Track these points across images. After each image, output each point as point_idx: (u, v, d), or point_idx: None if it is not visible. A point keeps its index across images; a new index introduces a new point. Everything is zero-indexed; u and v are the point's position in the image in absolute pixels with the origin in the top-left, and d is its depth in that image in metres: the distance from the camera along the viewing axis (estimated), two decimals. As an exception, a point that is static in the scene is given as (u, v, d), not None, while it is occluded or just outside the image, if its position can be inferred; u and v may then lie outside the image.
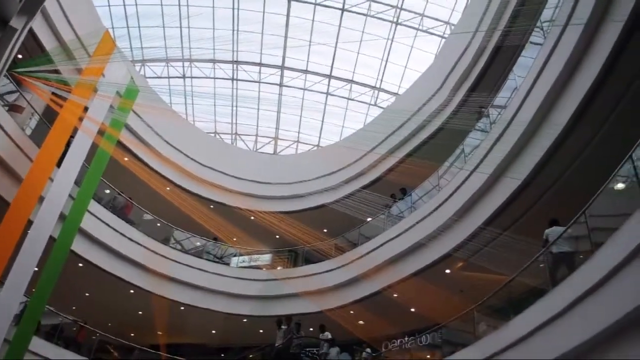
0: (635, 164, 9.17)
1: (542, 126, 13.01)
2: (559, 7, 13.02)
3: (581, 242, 10.73)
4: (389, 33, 29.64)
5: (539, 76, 13.11)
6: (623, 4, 10.43)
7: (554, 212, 12.01)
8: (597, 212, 10.06)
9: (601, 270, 8.60)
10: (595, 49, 11.32)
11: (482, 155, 15.31)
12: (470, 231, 15.22)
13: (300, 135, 37.82)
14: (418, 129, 21.36)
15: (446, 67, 20.78)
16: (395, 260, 18.42)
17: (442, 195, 17.09)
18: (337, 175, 24.77)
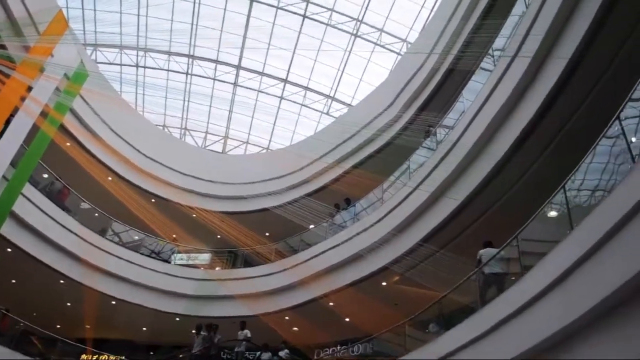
0: (568, 193, 9.67)
1: (485, 151, 13.49)
2: (510, 37, 13.55)
3: (512, 264, 11.16)
4: (347, 44, 29.99)
5: (486, 102, 13.59)
6: (568, 42, 10.98)
7: (489, 234, 12.43)
8: (530, 237, 10.54)
9: (528, 293, 8.98)
10: (540, 82, 11.86)
11: (426, 173, 15.70)
12: (409, 246, 15.56)
13: (250, 137, 37.65)
14: (367, 142, 21.70)
15: (399, 84, 21.19)
16: (334, 269, 18.59)
17: (385, 209, 17.39)
18: (283, 180, 24.79)
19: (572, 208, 9.58)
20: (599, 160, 9.30)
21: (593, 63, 10.76)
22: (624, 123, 8.33)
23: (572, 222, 8.97)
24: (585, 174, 9.64)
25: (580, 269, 7.90)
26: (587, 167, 9.44)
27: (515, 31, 12.99)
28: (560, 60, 10.97)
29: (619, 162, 8.65)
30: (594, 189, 9.72)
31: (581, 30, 10.62)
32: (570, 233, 8.56)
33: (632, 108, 8.40)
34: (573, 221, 8.97)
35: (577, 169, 9.37)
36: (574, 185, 9.79)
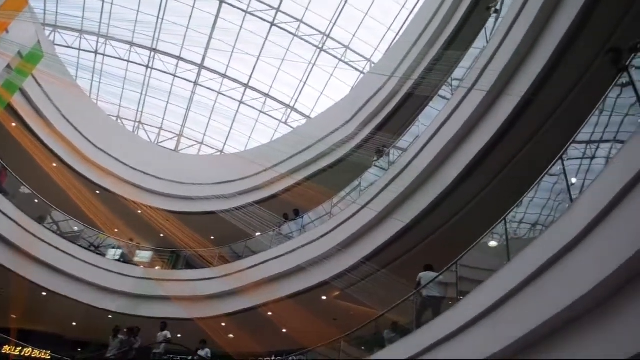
0: (508, 225, 10.01)
1: (434, 176, 13.81)
2: (469, 70, 13.95)
3: (450, 289, 11.42)
4: (312, 57, 30.18)
5: (440, 128, 13.92)
6: (522, 81, 11.43)
7: (431, 258, 12.69)
8: (469, 264, 10.82)
9: (462, 318, 9.20)
10: (492, 115, 12.27)
11: (376, 192, 15.89)
12: (352, 263, 15.67)
13: (205, 138, 37.24)
14: (321, 155, 21.81)
15: (359, 102, 21.45)
16: (276, 279, 18.52)
17: (332, 224, 17.48)
18: (234, 184, 24.59)
19: (512, 240, 9.92)
20: (541, 196, 9.68)
21: (544, 103, 11.22)
22: (567, 163, 8.71)
23: (510, 253, 9.27)
24: (527, 207, 10.01)
25: (511, 301, 8.17)
26: (529, 201, 9.81)
27: (474, 64, 13.37)
28: (514, 97, 11.38)
29: (559, 200, 9.01)
30: (534, 223, 10.10)
31: (535, 70, 11.07)
32: (506, 264, 8.83)
33: (575, 150, 8.80)
34: (511, 253, 9.27)
35: (520, 202, 9.72)
36: (516, 218, 10.15)
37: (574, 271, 7.04)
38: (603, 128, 8.48)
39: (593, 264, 6.69)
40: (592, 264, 6.71)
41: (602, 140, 8.57)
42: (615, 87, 7.93)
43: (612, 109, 8.28)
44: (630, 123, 7.78)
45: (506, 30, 12.14)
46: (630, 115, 7.74)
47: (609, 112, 8.33)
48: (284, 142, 25.17)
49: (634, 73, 7.55)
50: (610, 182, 6.71)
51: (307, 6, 28.15)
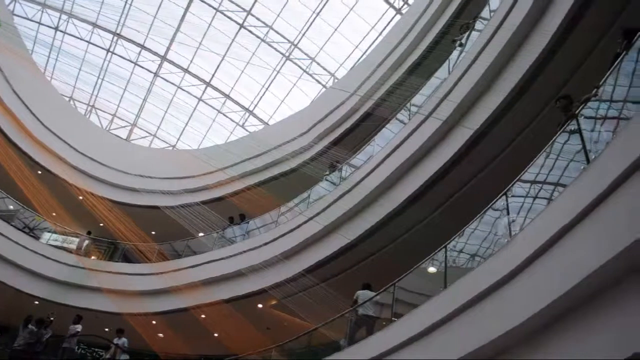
0: (449, 253, 10.24)
1: (384, 197, 13.99)
2: (428, 98, 14.24)
3: (386, 309, 11.54)
4: (277, 64, 30.17)
5: (394, 151, 14.14)
6: (478, 114, 11.78)
7: (370, 277, 12.80)
8: (408, 287, 10.98)
9: (395, 339, 9.32)
10: (446, 144, 12.62)
11: (324, 205, 15.94)
12: (292, 274, 15.61)
13: (159, 131, 36.54)
14: (274, 163, 21.68)
15: (318, 115, 21.52)
16: (214, 282, 18.22)
17: (277, 232, 17.39)
18: (182, 181, 24.09)
19: (451, 268, 10.14)
20: (483, 229, 9.95)
21: (496, 139, 11.59)
22: (510, 200, 9.00)
23: (447, 281, 9.46)
24: (469, 238, 10.28)
25: (445, 327, 8.33)
26: (471, 232, 10.07)
27: (434, 93, 13.68)
28: (468, 130, 11.69)
29: (500, 234, 9.28)
30: (473, 254, 10.37)
31: (491, 106, 11.44)
32: (442, 291, 9.01)
33: (520, 188, 9.10)
34: (448, 280, 9.46)
35: (462, 232, 9.97)
36: (457, 247, 10.39)
37: (508, 303, 7.25)
38: (548, 170, 8.81)
39: (527, 297, 6.92)
40: (526, 298, 6.94)
41: (546, 181, 8.89)
42: (564, 133, 8.26)
43: (558, 153, 8.61)
44: (574, 169, 8.11)
45: (468, 64, 12.49)
46: (575, 161, 8.06)
47: (556, 155, 8.67)
48: (238, 145, 24.93)
49: (582, 122, 7.89)
50: (550, 222, 6.96)
51: (278, 13, 28.18)
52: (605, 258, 5.92)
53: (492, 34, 11.92)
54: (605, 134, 7.59)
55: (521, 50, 11.26)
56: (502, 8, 12.01)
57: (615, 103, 7.87)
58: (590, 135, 7.83)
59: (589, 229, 6.35)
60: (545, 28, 10.61)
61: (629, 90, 7.62)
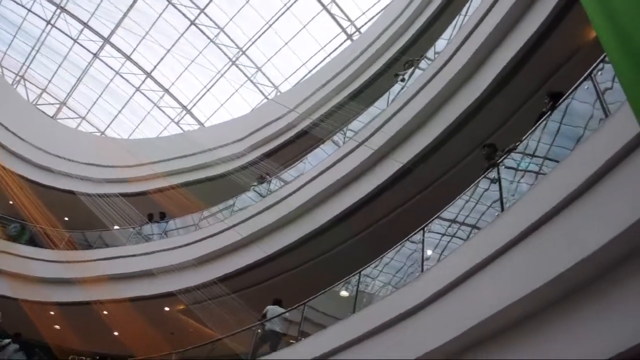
0: (363, 279, 10.44)
1: (307, 216, 14.08)
2: (365, 125, 14.51)
3: (293, 327, 11.55)
4: (223, 68, 29.88)
5: (323, 173, 14.32)
6: (408, 150, 12.16)
7: (283, 293, 12.77)
8: (318, 307, 11.06)
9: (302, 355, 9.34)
10: (373, 174, 12.97)
11: (247, 216, 15.82)
12: (204, 280, 15.31)
13: (90, 115, 35.12)
14: (203, 166, 21.28)
15: (255, 125, 21.39)
16: (122, 278, 17.56)
17: (196, 236, 17.06)
18: (105, 170, 23.10)
19: (363, 293, 10.35)
20: (399, 259, 10.20)
21: (423, 174, 11.99)
22: (427, 235, 9.30)
23: (356, 306, 9.63)
24: (384, 267, 10.51)
25: (347, 351, 8.48)
26: (388, 261, 10.31)
27: (371, 122, 13.98)
28: (396, 163, 12.03)
29: (413, 267, 9.54)
30: (386, 282, 10.60)
31: (422, 144, 11.85)
32: (350, 315, 9.17)
33: (438, 225, 9.43)
34: (357, 306, 9.63)
35: (379, 260, 10.20)
36: (372, 274, 10.61)
37: (410, 335, 7.47)
38: (468, 212, 9.18)
39: (429, 331, 7.18)
40: (428, 332, 7.19)
41: (464, 223, 9.25)
42: (486, 180, 8.66)
43: (478, 198, 8.99)
44: (489, 214, 8.50)
45: (406, 100, 12.88)
46: (492, 208, 8.45)
47: (476, 199, 9.05)
48: (169, 142, 24.36)
49: (503, 171, 8.30)
50: (459, 262, 7.27)
51: (231, 17, 28.00)
52: (504, 303, 6.26)
53: (433, 75, 12.37)
54: (524, 186, 8.03)
55: (457, 94, 11.74)
56: (445, 52, 12.52)
57: (536, 158, 8.33)
58: (509, 185, 8.26)
59: (496, 273, 6.70)
60: (480, 80, 11.18)
61: (550, 148, 8.11)
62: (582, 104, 7.48)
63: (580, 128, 7.60)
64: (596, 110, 6.94)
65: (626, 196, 5.48)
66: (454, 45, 12.15)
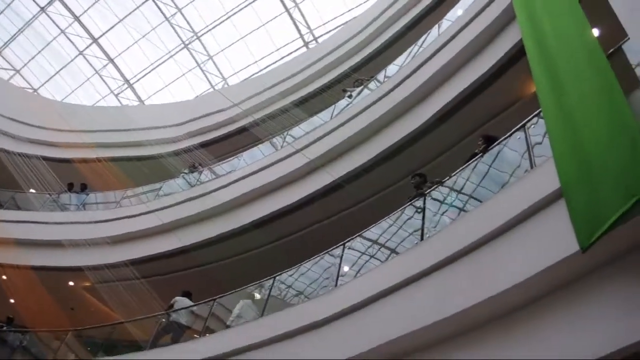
0: (278, 284, 10.50)
1: (231, 213, 14.00)
2: (306, 134, 14.60)
3: (199, 321, 11.38)
4: (174, 49, 29.21)
5: (254, 173, 14.35)
6: (342, 166, 12.40)
7: (195, 286, 12.59)
8: (229, 306, 10.99)
9: (198, 353, 9.27)
10: (305, 183, 13.20)
11: (172, 202, 15.47)
12: (116, 260, 14.80)
13: (25, 69, 33.29)
14: (135, 144, 20.56)
15: (196, 113, 21.02)
16: (29, 244, 16.63)
17: (116, 214, 16.47)
18: (30, 129, 21.70)
19: (275, 298, 10.39)
20: (316, 271, 10.32)
21: (352, 191, 12.22)
22: (348, 252, 9.48)
23: (265, 310, 9.67)
24: (301, 276, 10.60)
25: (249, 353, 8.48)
26: (306, 270, 10.42)
27: (312, 131, 14.11)
28: (328, 176, 12.21)
29: (329, 281, 9.66)
30: (300, 292, 10.69)
31: (357, 163, 12.15)
32: (258, 319, 9.19)
33: (359, 243, 9.61)
34: (267, 310, 9.67)
35: (297, 268, 10.29)
36: (287, 281, 10.68)
37: (316, 347, 7.59)
38: (390, 236, 9.42)
39: (334, 346, 7.32)
40: (333, 346, 7.34)
41: (384, 245, 9.48)
42: (412, 207, 8.92)
43: (402, 224, 9.24)
44: (409, 241, 8.77)
45: (349, 117, 13.12)
46: (413, 236, 8.72)
47: (399, 225, 9.31)
48: (104, 113, 23.47)
49: (429, 202, 8.60)
50: (371, 284, 7.49)
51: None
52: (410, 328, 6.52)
53: (379, 97, 12.66)
54: (446, 219, 8.34)
55: (399, 121, 12.09)
56: (395, 78, 12.87)
57: (462, 195, 8.68)
58: (432, 216, 8.56)
59: (406, 298, 6.95)
60: (423, 111, 11.66)
61: (476, 188, 8.48)
62: (513, 152, 7.90)
63: (506, 174, 8.01)
64: (524, 160, 7.33)
65: (534, 247, 5.84)
66: (404, 73, 12.53)
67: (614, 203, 4.82)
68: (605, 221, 4.82)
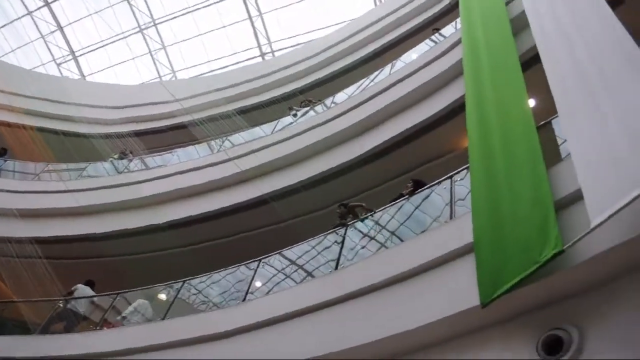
0: (189, 288, 10.33)
1: (149, 208, 13.54)
2: (245, 142, 14.53)
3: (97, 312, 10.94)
4: (128, 30, 28.40)
5: (185, 172, 14.11)
6: (274, 182, 12.42)
7: (100, 276, 12.11)
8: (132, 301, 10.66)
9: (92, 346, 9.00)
10: (233, 192, 13.09)
11: (94, 186, 14.87)
12: (19, 235, 13.80)
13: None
14: (66, 117, 19.45)
15: (137, 99, 20.39)
16: None
17: (31, 186, 15.51)
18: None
19: (183, 301, 10.22)
20: (231, 280, 10.24)
21: (279, 208, 12.25)
22: (265, 268, 9.50)
23: (169, 313, 9.48)
24: (212, 283, 10.48)
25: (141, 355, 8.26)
26: (219, 279, 10.35)
27: (251, 142, 14.10)
28: (257, 190, 12.22)
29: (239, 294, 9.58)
30: (208, 299, 10.57)
31: (288, 182, 12.26)
32: (158, 321, 9.00)
33: (278, 261, 9.64)
34: (170, 313, 9.48)
35: (210, 275, 10.16)
36: (198, 286, 10.54)
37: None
38: (309, 259, 9.48)
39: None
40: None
41: (301, 267, 9.54)
42: (336, 234, 9.04)
43: (321, 250, 9.34)
44: (325, 267, 8.90)
45: (291, 135, 13.22)
46: (329, 263, 8.83)
47: (319, 251, 9.40)
48: (41, 80, 22.30)
49: (351, 233, 8.76)
50: (279, 304, 7.55)
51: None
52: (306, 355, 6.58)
53: (323, 122, 12.86)
54: (366, 252, 8.52)
55: (338, 148, 12.34)
56: (341, 106, 13.16)
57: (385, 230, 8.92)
58: (353, 246, 8.73)
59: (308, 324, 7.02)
60: (362, 143, 12.01)
61: (399, 226, 8.73)
62: (438, 197, 8.21)
63: (429, 219, 8.31)
64: (447, 208, 7.62)
65: (442, 293, 6.05)
66: (352, 103, 12.81)
67: (518, 267, 5.10)
68: (507, 282, 5.09)
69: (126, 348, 8.50)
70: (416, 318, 5.99)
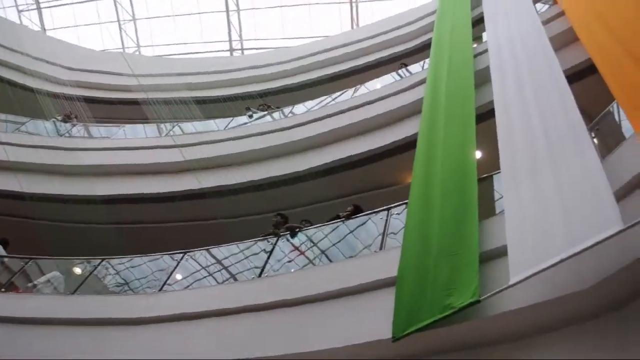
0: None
1: (83, 178, 12.96)
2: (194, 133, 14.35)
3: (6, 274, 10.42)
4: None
5: (129, 150, 13.77)
6: (213, 177, 12.33)
7: (14, 235, 11.46)
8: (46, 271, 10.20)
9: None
10: (171, 181, 12.81)
11: (30, 143, 14.08)
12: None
13: None
14: (15, 67, 18.26)
15: (94, 65, 19.23)
16: None
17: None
18: None
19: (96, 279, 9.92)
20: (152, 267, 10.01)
21: (218, 205, 12.10)
22: (190, 262, 9.37)
23: (79, 289, 9.19)
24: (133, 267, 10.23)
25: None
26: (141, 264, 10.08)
27: (202, 133, 13.93)
28: (195, 182, 12.07)
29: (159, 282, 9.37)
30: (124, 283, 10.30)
31: (229, 180, 12.21)
32: (66, 295, 8.73)
33: (204, 258, 9.53)
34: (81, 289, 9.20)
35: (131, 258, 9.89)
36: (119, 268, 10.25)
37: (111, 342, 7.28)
38: (236, 261, 9.43)
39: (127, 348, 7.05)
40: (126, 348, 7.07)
41: (226, 268, 9.48)
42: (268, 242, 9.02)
43: (249, 255, 9.30)
44: (249, 272, 8.88)
45: (244, 135, 13.20)
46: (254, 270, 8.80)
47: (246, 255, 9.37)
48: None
49: (282, 244, 8.80)
50: (193, 301, 7.46)
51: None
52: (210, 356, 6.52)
53: (276, 130, 12.87)
54: (293, 265, 8.58)
55: (287, 158, 12.36)
56: (299, 118, 13.25)
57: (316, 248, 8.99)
58: (282, 257, 8.76)
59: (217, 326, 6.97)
60: (311, 158, 12.12)
61: (330, 246, 8.83)
62: (373, 226, 8.37)
63: (361, 245, 8.45)
64: (380, 238, 7.78)
65: (356, 320, 6.16)
66: (310, 117, 12.96)
67: (434, 308, 5.29)
68: (421, 320, 5.25)
69: (28, 317, 8.09)
70: (321, 341, 6.07)
